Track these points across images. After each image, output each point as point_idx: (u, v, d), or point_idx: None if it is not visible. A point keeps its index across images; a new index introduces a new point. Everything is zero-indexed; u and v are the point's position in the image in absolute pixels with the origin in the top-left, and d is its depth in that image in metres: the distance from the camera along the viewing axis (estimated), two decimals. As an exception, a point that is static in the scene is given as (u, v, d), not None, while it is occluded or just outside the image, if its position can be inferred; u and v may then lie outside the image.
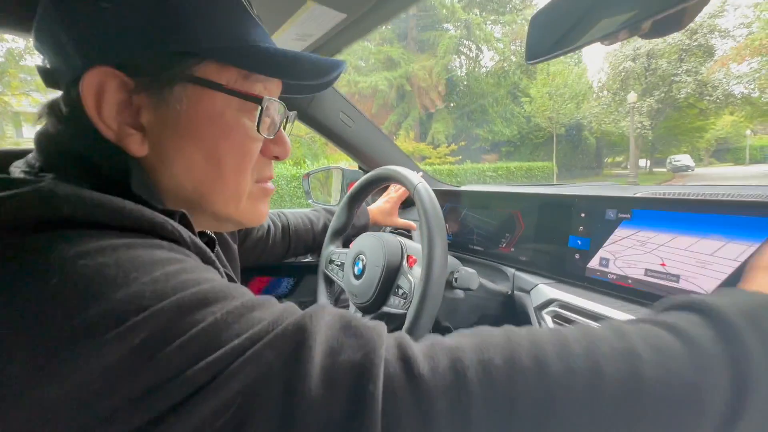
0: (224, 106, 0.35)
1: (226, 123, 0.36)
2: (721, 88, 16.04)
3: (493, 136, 18.31)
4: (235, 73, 0.35)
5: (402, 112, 17.73)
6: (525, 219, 0.84)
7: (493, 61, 20.41)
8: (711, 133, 22.40)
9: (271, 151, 0.42)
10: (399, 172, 0.70)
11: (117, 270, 0.23)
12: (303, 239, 0.93)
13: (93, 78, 0.30)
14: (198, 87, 0.34)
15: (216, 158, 0.36)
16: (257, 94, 0.37)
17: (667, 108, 16.88)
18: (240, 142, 0.37)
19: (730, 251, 0.50)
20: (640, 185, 1.04)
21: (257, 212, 0.43)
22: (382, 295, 0.68)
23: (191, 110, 0.34)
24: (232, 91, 0.35)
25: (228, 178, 0.37)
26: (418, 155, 16.03)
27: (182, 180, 0.36)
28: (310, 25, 0.61)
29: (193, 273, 0.26)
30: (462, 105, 19.19)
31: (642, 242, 0.61)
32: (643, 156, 21.46)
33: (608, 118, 17.30)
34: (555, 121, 16.84)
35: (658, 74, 16.07)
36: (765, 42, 13.70)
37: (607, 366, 0.24)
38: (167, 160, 0.35)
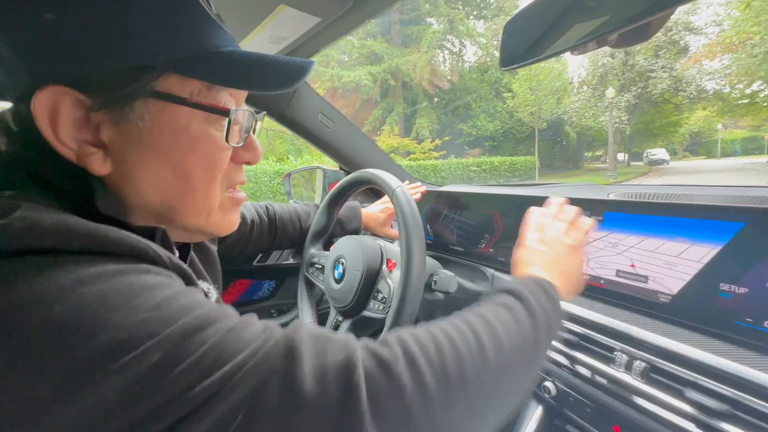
0: (189, 119, 0.34)
1: (193, 136, 0.35)
2: (694, 84, 16.58)
3: (477, 131, 18.46)
4: (198, 84, 0.34)
5: (386, 107, 17.67)
6: (503, 220, 0.85)
7: (476, 56, 20.53)
8: (685, 128, 23.17)
9: (241, 156, 0.41)
10: (378, 175, 0.70)
11: (118, 297, 0.24)
12: (289, 232, 0.91)
13: (45, 98, 0.29)
14: (160, 101, 0.33)
15: (184, 172, 0.35)
16: (223, 106, 0.36)
17: (643, 103, 17.35)
18: (208, 153, 0.36)
19: (695, 253, 0.52)
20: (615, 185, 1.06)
21: (228, 222, 0.42)
22: (362, 299, 0.68)
23: (155, 126, 0.33)
24: (197, 104, 0.34)
25: (198, 191, 0.37)
26: (402, 150, 16.03)
27: (150, 196, 0.35)
28: (284, 29, 0.60)
29: (186, 297, 0.28)
30: (446, 100, 19.25)
31: (613, 244, 0.63)
32: (622, 150, 22.04)
33: (588, 113, 17.67)
34: (537, 116, 17.09)
35: (636, 70, 16.48)
36: (735, 39, 14.19)
37: (491, 340, 0.37)
38: (132, 176, 0.34)
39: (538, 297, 0.43)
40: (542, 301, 0.43)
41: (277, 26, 0.59)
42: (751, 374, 0.43)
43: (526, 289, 0.44)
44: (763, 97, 15.81)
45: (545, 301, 0.44)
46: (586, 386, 0.59)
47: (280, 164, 10.27)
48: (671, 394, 0.49)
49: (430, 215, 1.06)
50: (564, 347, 0.62)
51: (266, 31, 0.60)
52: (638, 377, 0.52)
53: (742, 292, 0.48)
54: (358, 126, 1.11)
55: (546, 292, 0.45)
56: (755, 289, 0.47)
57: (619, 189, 0.77)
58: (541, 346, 0.41)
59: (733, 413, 0.43)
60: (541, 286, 0.45)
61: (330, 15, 0.56)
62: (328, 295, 0.76)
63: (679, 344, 0.50)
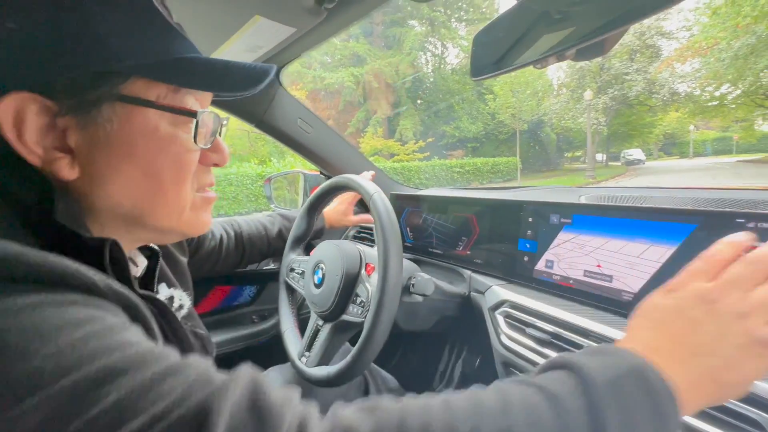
0: (157, 121, 0.35)
1: (161, 137, 0.35)
2: (667, 87, 17.20)
3: (460, 133, 18.68)
4: (164, 87, 0.35)
5: (369, 108, 17.69)
6: (480, 223, 0.87)
7: (458, 59, 20.77)
8: (659, 129, 24.00)
9: (209, 158, 0.42)
10: (356, 180, 0.71)
11: (18, 338, 0.22)
12: (257, 246, 0.91)
13: (9, 104, 0.29)
14: (127, 105, 0.33)
15: (154, 173, 0.36)
16: (190, 108, 0.36)
17: (620, 105, 17.89)
18: (177, 154, 0.37)
19: (654, 253, 0.56)
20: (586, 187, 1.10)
21: (200, 221, 0.43)
22: (342, 303, 0.69)
23: (123, 129, 0.33)
24: (164, 106, 0.35)
25: (169, 191, 0.37)
26: (386, 152, 16.08)
27: (120, 198, 0.35)
28: (259, 38, 0.61)
29: (104, 338, 0.24)
30: (429, 102, 19.41)
31: (581, 245, 0.66)
32: (600, 150, 22.67)
33: (567, 114, 18.10)
34: (518, 117, 17.42)
35: (612, 73, 16.98)
36: (704, 44, 14.80)
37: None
38: (101, 180, 0.34)
39: (624, 404, 0.26)
40: (632, 413, 0.26)
41: (252, 36, 0.60)
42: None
43: (608, 384, 0.26)
44: (731, 100, 16.53)
45: (639, 416, 0.26)
46: (556, 382, 0.61)
47: (263, 167, 10.15)
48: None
49: (410, 218, 1.08)
50: (537, 346, 0.64)
51: (242, 40, 0.61)
52: (604, 372, 0.55)
53: (695, 290, 0.51)
54: (341, 128, 1.13)
55: (651, 401, 0.26)
56: (707, 286, 0.50)
57: (590, 192, 0.81)
58: None
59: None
60: (645, 385, 0.27)
61: (305, 25, 0.57)
62: (308, 300, 0.77)
63: (640, 340, 0.53)
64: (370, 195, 0.67)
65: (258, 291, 1.17)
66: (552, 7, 0.47)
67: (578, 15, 0.45)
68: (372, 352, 0.60)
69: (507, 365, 0.71)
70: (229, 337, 1.08)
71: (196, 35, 0.62)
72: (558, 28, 0.47)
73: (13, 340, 0.21)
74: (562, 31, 0.46)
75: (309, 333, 0.76)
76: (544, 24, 0.48)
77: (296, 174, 1.28)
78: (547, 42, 0.48)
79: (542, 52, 0.48)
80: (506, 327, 0.71)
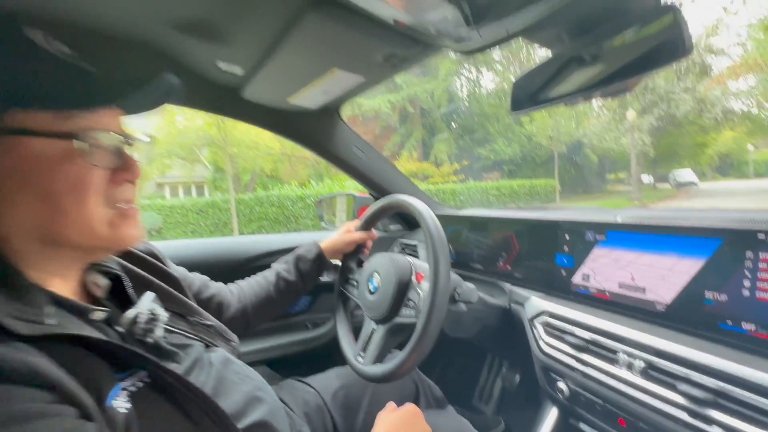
0: (45, 148, 0.36)
1: (53, 163, 0.37)
2: (719, 105, 16.24)
3: (495, 155, 18.52)
4: (47, 114, 0.36)
5: (405, 132, 18.07)
6: (519, 240, 0.95)
7: (493, 83, 20.88)
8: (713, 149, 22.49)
9: (120, 176, 0.43)
10: (405, 200, 0.82)
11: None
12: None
13: None
14: (12, 136, 0.35)
15: (51, 197, 0.37)
16: (71, 131, 0.37)
17: (667, 125, 17.07)
18: (74, 176, 0.38)
19: (683, 266, 0.61)
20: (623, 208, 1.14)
21: (124, 236, 0.44)
22: (395, 307, 0.79)
23: (11, 160, 0.35)
24: (47, 133, 0.36)
25: (71, 212, 0.38)
26: (421, 175, 16.21)
27: (21, 225, 0.37)
28: (333, 85, 0.75)
29: None
30: (464, 125, 19.53)
31: (616, 260, 0.72)
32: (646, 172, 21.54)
33: (609, 135, 17.48)
34: (556, 139, 17.06)
35: (657, 92, 16.34)
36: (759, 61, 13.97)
37: None
38: (3, 209, 0.36)
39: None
40: None
41: (328, 83, 0.74)
42: (732, 368, 0.51)
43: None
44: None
45: None
46: (594, 385, 0.67)
47: (303, 189, 10.59)
48: (666, 388, 0.56)
49: (452, 237, 1.17)
50: (574, 351, 0.70)
51: (319, 86, 0.75)
52: (638, 375, 0.60)
53: (722, 299, 0.56)
54: (380, 152, 1.24)
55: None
56: (732, 296, 0.55)
57: (625, 212, 0.86)
58: None
59: (716, 401, 0.51)
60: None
61: (371, 75, 0.70)
62: (363, 306, 0.87)
63: (672, 344, 0.58)
64: (420, 212, 0.77)
65: (312, 301, 1.29)
66: (585, 52, 0.55)
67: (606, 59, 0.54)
68: (424, 349, 0.68)
69: (546, 370, 0.77)
70: (286, 341, 1.20)
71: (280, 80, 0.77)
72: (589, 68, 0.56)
73: None
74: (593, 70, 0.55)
75: (364, 336, 0.86)
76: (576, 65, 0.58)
77: (346, 195, 1.42)
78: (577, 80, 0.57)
79: (573, 89, 0.57)
80: (545, 335, 0.78)
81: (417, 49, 0.63)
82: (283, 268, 0.89)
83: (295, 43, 0.61)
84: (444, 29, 0.53)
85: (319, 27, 0.56)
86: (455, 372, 1.41)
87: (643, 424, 0.61)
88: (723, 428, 0.50)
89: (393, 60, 0.66)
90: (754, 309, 0.53)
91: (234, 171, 11.35)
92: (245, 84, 0.80)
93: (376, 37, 0.60)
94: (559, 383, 0.74)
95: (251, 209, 9.77)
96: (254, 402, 0.57)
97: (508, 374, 1.30)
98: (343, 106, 1.03)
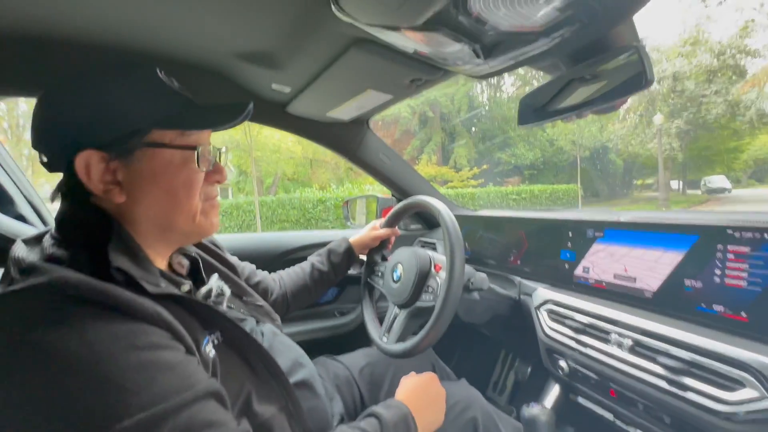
0: (171, 156, 0.51)
1: (175, 167, 0.51)
2: (754, 108, 15.59)
3: (516, 160, 18.36)
4: (174, 132, 0.51)
5: (424, 137, 18.15)
6: (528, 238, 1.05)
7: (514, 87, 20.73)
8: (747, 154, 21.54)
9: (213, 178, 0.57)
10: (426, 200, 0.94)
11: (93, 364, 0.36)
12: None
13: (81, 158, 0.46)
14: (150, 148, 0.49)
15: (172, 192, 0.51)
16: (191, 144, 0.52)
17: (697, 129, 16.50)
18: (187, 177, 0.52)
19: (667, 258, 0.71)
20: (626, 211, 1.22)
21: (209, 224, 0.57)
22: (416, 293, 0.90)
23: (150, 165, 0.49)
24: (174, 146, 0.51)
25: (184, 204, 0.52)
26: (440, 179, 16.25)
27: (152, 212, 0.51)
28: (365, 103, 0.88)
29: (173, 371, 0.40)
30: (484, 130, 19.45)
31: (611, 254, 0.81)
32: (675, 178, 20.84)
33: (635, 140, 17.05)
34: (578, 144, 16.77)
35: (686, 95, 15.84)
36: (798, 61, 13.34)
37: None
38: (139, 200, 0.50)
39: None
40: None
41: (361, 101, 0.87)
42: (704, 342, 0.61)
43: (392, 424, 0.59)
44: (838, 120, 14.50)
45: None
46: (590, 362, 0.77)
47: (323, 192, 10.81)
48: (649, 361, 0.66)
49: (468, 235, 1.28)
50: (573, 333, 0.80)
51: (353, 104, 0.89)
52: (626, 351, 0.70)
53: (699, 286, 0.66)
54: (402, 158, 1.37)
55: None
56: (706, 283, 0.64)
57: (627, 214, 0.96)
58: None
59: (690, 371, 0.61)
60: (406, 423, 0.61)
61: (399, 94, 0.83)
62: (387, 293, 0.99)
63: (656, 324, 0.68)
64: (439, 211, 0.89)
65: (339, 291, 1.42)
66: (585, 73, 0.66)
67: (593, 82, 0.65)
68: (441, 328, 0.79)
69: (550, 351, 0.87)
70: (316, 326, 1.34)
71: (322, 98, 0.91)
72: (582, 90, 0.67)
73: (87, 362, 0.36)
74: (586, 91, 0.66)
75: (388, 320, 0.98)
76: (571, 87, 0.68)
77: (370, 197, 1.55)
78: (573, 99, 0.68)
79: (569, 107, 0.68)
80: (549, 320, 0.88)
81: (437, 74, 0.75)
82: (317, 260, 1.03)
83: (338, 70, 0.74)
84: (459, 59, 0.66)
85: (359, 58, 0.70)
86: (470, 366, 1.51)
87: (630, 393, 0.70)
88: (695, 392, 0.59)
89: (417, 82, 0.78)
90: (723, 293, 0.62)
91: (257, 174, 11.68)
92: (291, 100, 0.95)
93: (403, 65, 0.73)
94: (560, 362, 0.84)
95: (273, 211, 10.04)
96: (298, 366, 0.70)
97: (520, 367, 1.39)
98: (371, 119, 1.16)
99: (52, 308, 0.38)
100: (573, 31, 0.52)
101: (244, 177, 14.15)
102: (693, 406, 0.59)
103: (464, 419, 0.73)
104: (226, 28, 0.68)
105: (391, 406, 0.63)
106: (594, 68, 0.62)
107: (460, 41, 0.56)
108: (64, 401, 0.35)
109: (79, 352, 0.36)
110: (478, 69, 0.70)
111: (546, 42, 0.58)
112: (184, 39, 0.72)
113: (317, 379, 0.72)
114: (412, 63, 0.72)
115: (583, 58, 0.62)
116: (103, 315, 0.39)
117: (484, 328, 1.18)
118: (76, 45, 0.71)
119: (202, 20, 0.65)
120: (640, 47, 0.51)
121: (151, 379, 0.38)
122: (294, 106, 0.97)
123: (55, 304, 0.38)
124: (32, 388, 0.36)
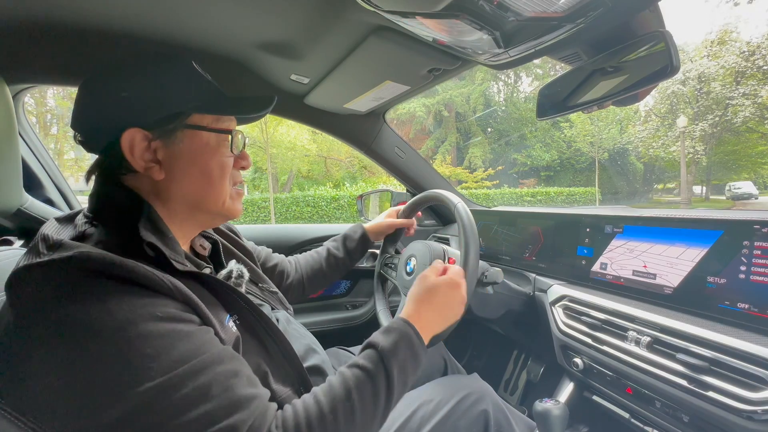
0: (208, 139, 0.54)
1: (211, 149, 0.55)
2: (785, 112, 14.96)
3: (532, 161, 18.09)
4: (211, 117, 0.55)
5: (439, 137, 18.05)
6: (544, 234, 1.04)
7: (531, 87, 20.43)
8: (777, 159, 20.68)
9: (239, 163, 0.61)
10: (442, 194, 0.94)
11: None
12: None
13: (126, 136, 0.49)
14: (190, 130, 0.53)
15: (207, 172, 0.55)
16: (226, 128, 0.56)
17: (723, 132, 15.95)
18: (221, 159, 0.56)
19: (689, 254, 0.69)
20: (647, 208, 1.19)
21: (235, 208, 0.60)
22: (429, 285, 0.90)
23: (189, 145, 0.53)
24: (212, 129, 0.55)
25: (216, 184, 0.55)
26: (454, 179, 16.14)
27: (188, 190, 0.54)
28: (383, 93, 0.89)
29: (190, 340, 0.42)
30: (499, 130, 19.23)
31: (630, 250, 0.80)
32: (698, 182, 20.18)
33: (657, 142, 16.59)
34: (597, 146, 16.41)
35: (711, 97, 15.32)
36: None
37: (352, 407, 0.48)
38: (177, 178, 0.53)
39: (398, 357, 0.53)
40: (402, 359, 0.53)
41: (379, 92, 0.87)
42: (727, 340, 0.59)
43: (390, 349, 0.53)
44: None
45: (405, 358, 0.54)
46: (606, 359, 0.75)
47: (337, 190, 10.88)
48: (668, 359, 0.65)
49: (483, 231, 1.27)
50: (589, 330, 0.79)
51: (371, 95, 0.89)
52: (644, 349, 0.68)
53: (722, 282, 0.64)
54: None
55: (411, 349, 0.55)
56: (730, 279, 0.62)
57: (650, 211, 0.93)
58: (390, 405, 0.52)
59: (711, 369, 0.59)
60: (408, 341, 0.55)
61: (416, 85, 0.83)
62: (400, 285, 0.99)
63: (675, 322, 0.66)
64: (454, 204, 0.88)
65: (352, 285, 1.43)
66: (605, 65, 0.65)
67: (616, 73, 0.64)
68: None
69: (564, 348, 0.86)
70: (328, 318, 1.35)
71: (340, 89, 0.92)
72: (605, 81, 0.66)
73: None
74: (608, 82, 0.65)
75: (400, 312, 0.98)
76: (591, 77, 0.67)
77: (384, 191, 1.55)
78: (594, 91, 0.67)
79: (590, 99, 0.67)
80: (564, 317, 0.87)
81: (455, 63, 0.75)
82: (332, 245, 1.04)
83: (357, 59, 0.75)
84: (478, 48, 0.65)
85: (378, 47, 0.70)
86: (482, 364, 1.50)
87: (647, 391, 0.69)
88: (717, 391, 0.58)
89: (435, 72, 0.78)
90: (748, 290, 0.60)
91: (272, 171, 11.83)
92: (309, 92, 0.96)
93: (422, 54, 0.73)
94: (575, 359, 0.82)
95: (287, 208, 10.17)
96: (311, 352, 0.71)
97: (533, 367, 1.37)
98: (387, 112, 1.16)
99: (76, 281, 0.40)
100: (596, 16, 0.51)
101: (259, 174, 14.34)
102: (714, 404, 0.58)
103: (475, 412, 0.73)
104: (250, 19, 0.69)
105: (391, 330, 0.57)
106: (616, 59, 0.60)
107: (481, 29, 0.56)
108: (88, 367, 0.37)
109: (101, 319, 0.38)
110: (497, 58, 0.69)
111: (568, 28, 0.57)
112: (210, 30, 0.74)
113: (328, 366, 0.73)
114: (431, 52, 0.71)
115: (606, 47, 0.61)
116: (124, 288, 0.41)
117: (497, 323, 1.17)
118: (111, 35, 0.74)
119: (227, 11, 0.67)
120: (666, 33, 0.49)
121: (170, 345, 0.40)
122: (312, 97, 0.98)
123: (79, 277, 0.40)
124: (56, 355, 0.37)
